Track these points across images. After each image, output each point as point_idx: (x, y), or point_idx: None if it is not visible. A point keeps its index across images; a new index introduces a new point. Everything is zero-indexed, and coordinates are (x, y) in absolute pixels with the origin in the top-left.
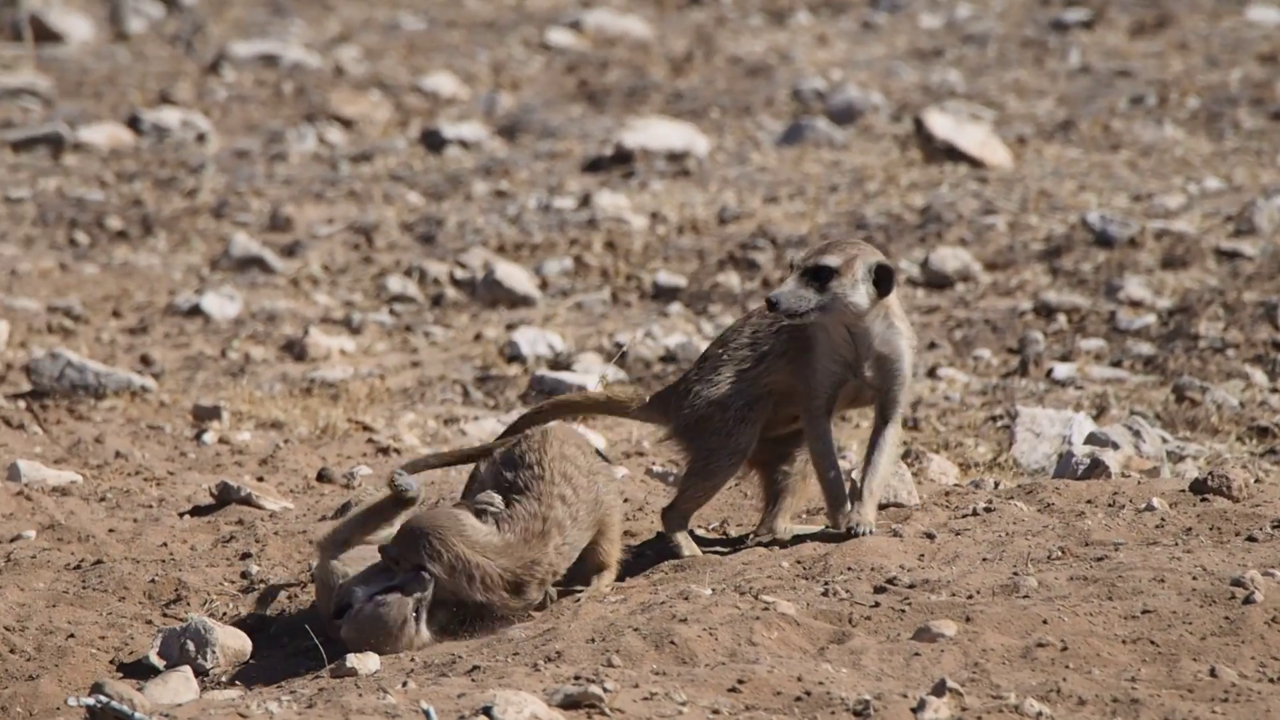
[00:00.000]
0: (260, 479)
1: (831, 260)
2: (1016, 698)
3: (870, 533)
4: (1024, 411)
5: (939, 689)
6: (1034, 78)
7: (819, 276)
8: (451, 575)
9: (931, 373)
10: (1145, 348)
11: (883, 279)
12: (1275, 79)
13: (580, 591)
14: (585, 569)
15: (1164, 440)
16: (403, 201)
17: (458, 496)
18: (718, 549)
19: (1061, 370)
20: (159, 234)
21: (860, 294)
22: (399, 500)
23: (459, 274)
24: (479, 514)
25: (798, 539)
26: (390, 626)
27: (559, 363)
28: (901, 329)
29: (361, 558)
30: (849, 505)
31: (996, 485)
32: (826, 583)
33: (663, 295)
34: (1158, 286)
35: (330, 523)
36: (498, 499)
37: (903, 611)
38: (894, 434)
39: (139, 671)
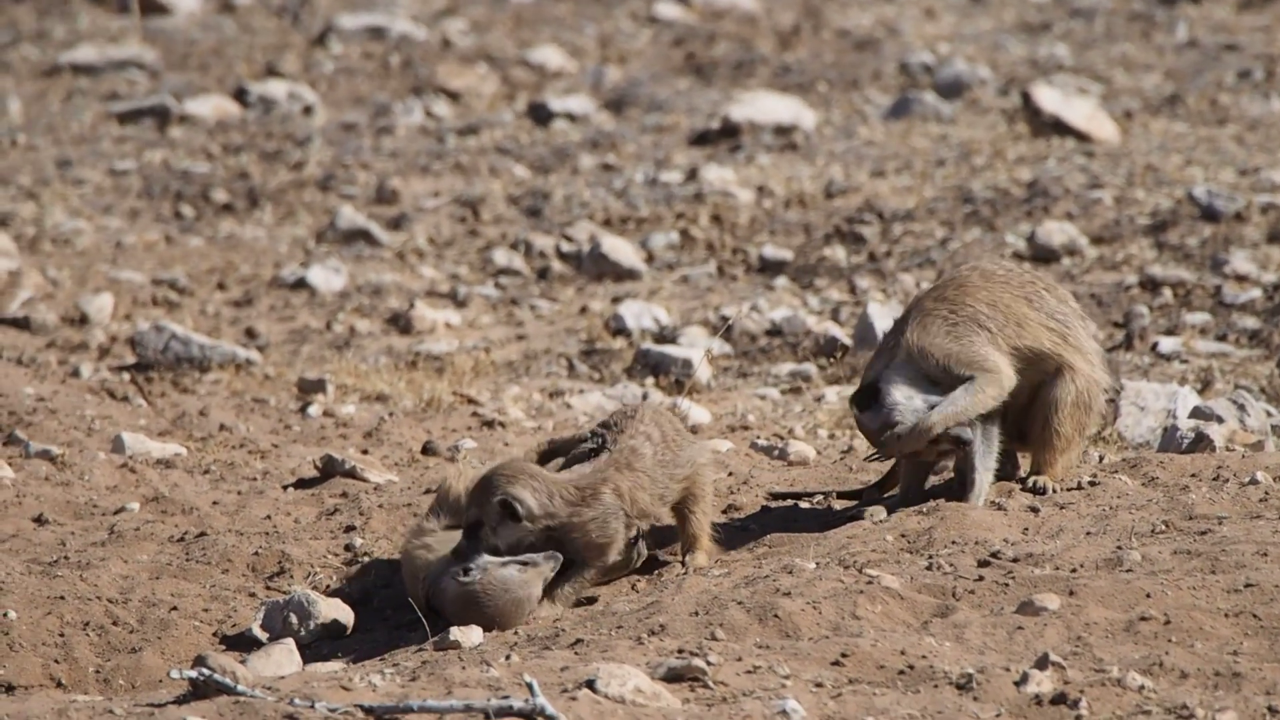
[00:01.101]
0: (365, 452)
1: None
2: (1119, 671)
3: None
4: (1129, 385)
5: (1042, 662)
6: (1141, 52)
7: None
8: (535, 496)
9: None
10: (1250, 322)
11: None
12: None
13: (684, 565)
14: (682, 542)
15: (1269, 414)
16: (509, 174)
17: None
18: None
19: (1166, 344)
20: (264, 206)
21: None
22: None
23: (565, 247)
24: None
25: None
26: (517, 593)
27: (664, 336)
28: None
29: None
30: None
31: (1101, 459)
32: (930, 556)
33: (769, 269)
34: (1263, 261)
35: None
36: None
37: (1006, 585)
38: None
39: (242, 644)
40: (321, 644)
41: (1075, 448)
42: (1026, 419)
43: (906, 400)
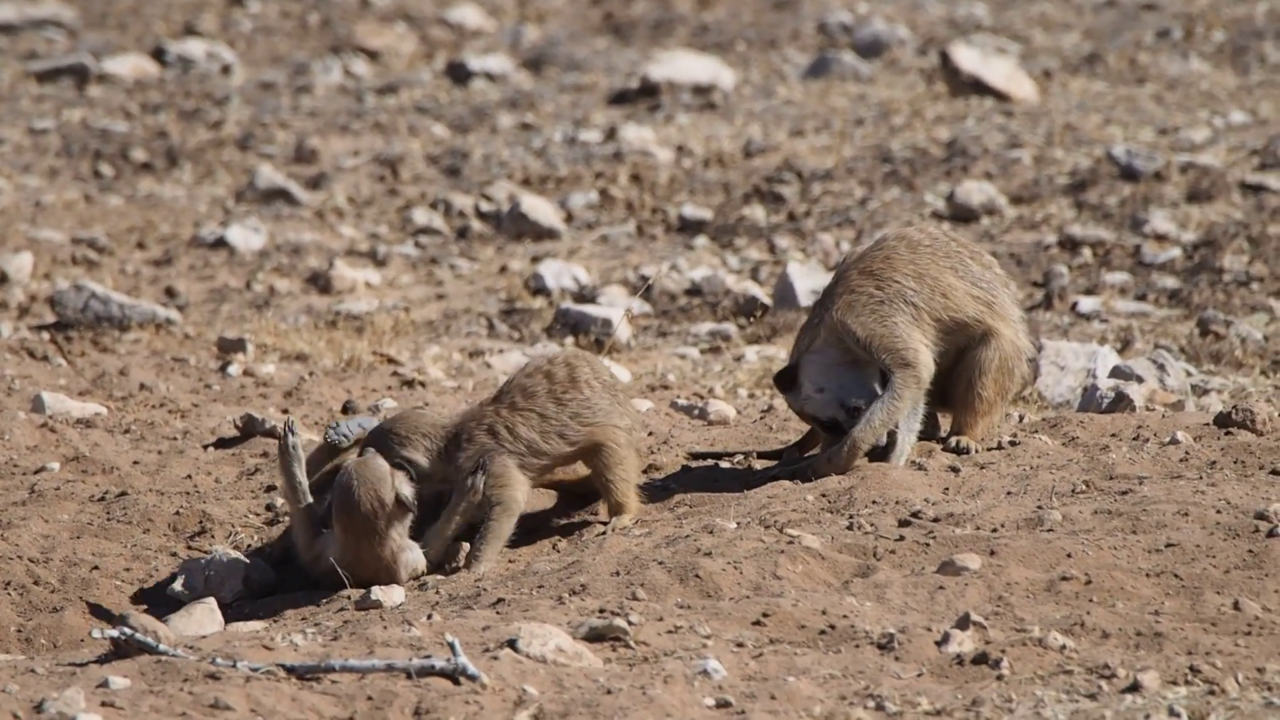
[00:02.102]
0: (285, 411)
1: None
2: (1040, 631)
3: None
4: (1048, 345)
5: (963, 622)
6: (1059, 11)
7: None
8: (427, 455)
9: None
10: (1170, 281)
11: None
12: None
13: (604, 525)
14: (605, 504)
15: (1188, 374)
16: (428, 134)
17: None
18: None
19: (1086, 304)
20: (184, 166)
21: None
22: (333, 449)
23: (484, 207)
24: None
25: None
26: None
27: (584, 296)
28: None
29: None
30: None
31: (1021, 419)
32: (851, 516)
33: (688, 228)
34: (1183, 220)
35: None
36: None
37: (927, 545)
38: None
39: (163, 604)
40: (243, 603)
41: (997, 411)
42: (949, 381)
43: (819, 394)
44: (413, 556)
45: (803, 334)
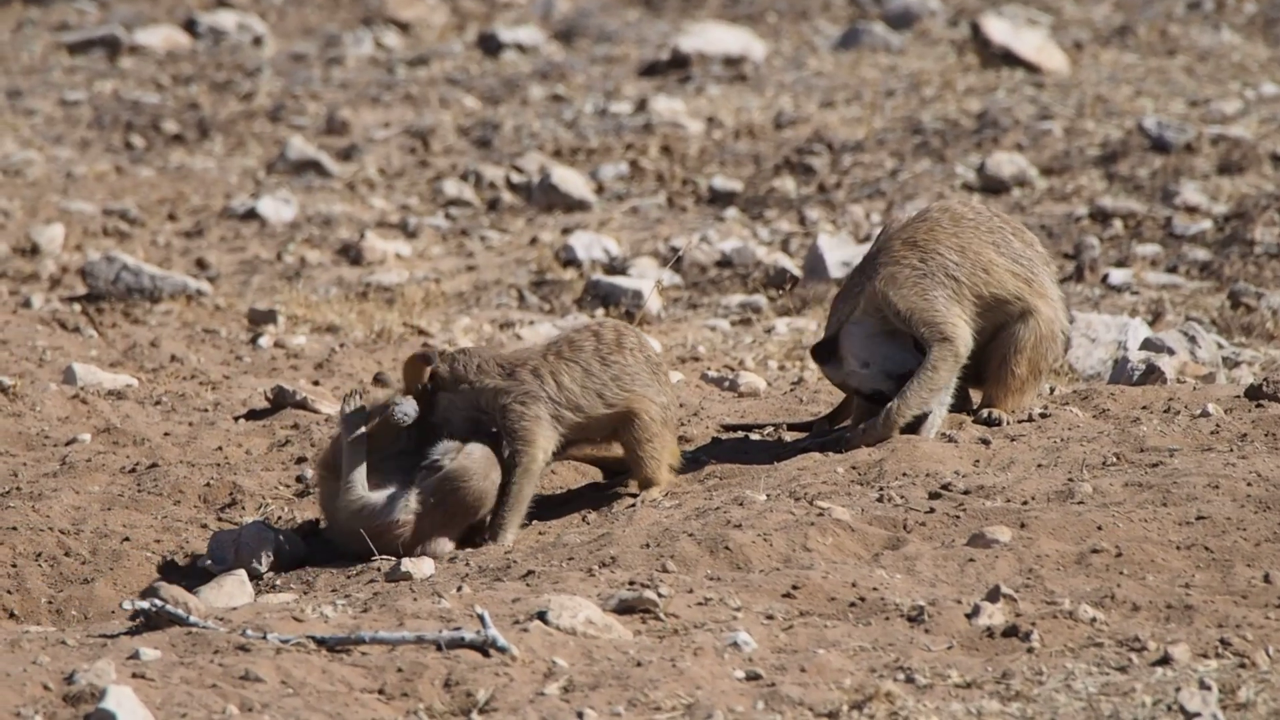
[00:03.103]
0: (316, 383)
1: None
2: (1071, 603)
3: None
4: (1080, 317)
5: (993, 595)
6: None
7: None
8: (455, 365)
9: None
10: (1201, 253)
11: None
12: None
13: (633, 498)
14: (635, 478)
15: (1219, 346)
16: (459, 105)
17: None
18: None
19: (1117, 276)
20: (215, 137)
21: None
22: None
23: (515, 178)
24: None
25: None
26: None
27: (614, 267)
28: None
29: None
30: None
31: (1052, 391)
32: (881, 489)
33: (718, 200)
34: (1214, 192)
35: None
36: None
37: (957, 518)
38: None
39: (193, 575)
40: (273, 575)
41: (1030, 389)
42: (984, 357)
43: (865, 369)
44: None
45: (840, 304)
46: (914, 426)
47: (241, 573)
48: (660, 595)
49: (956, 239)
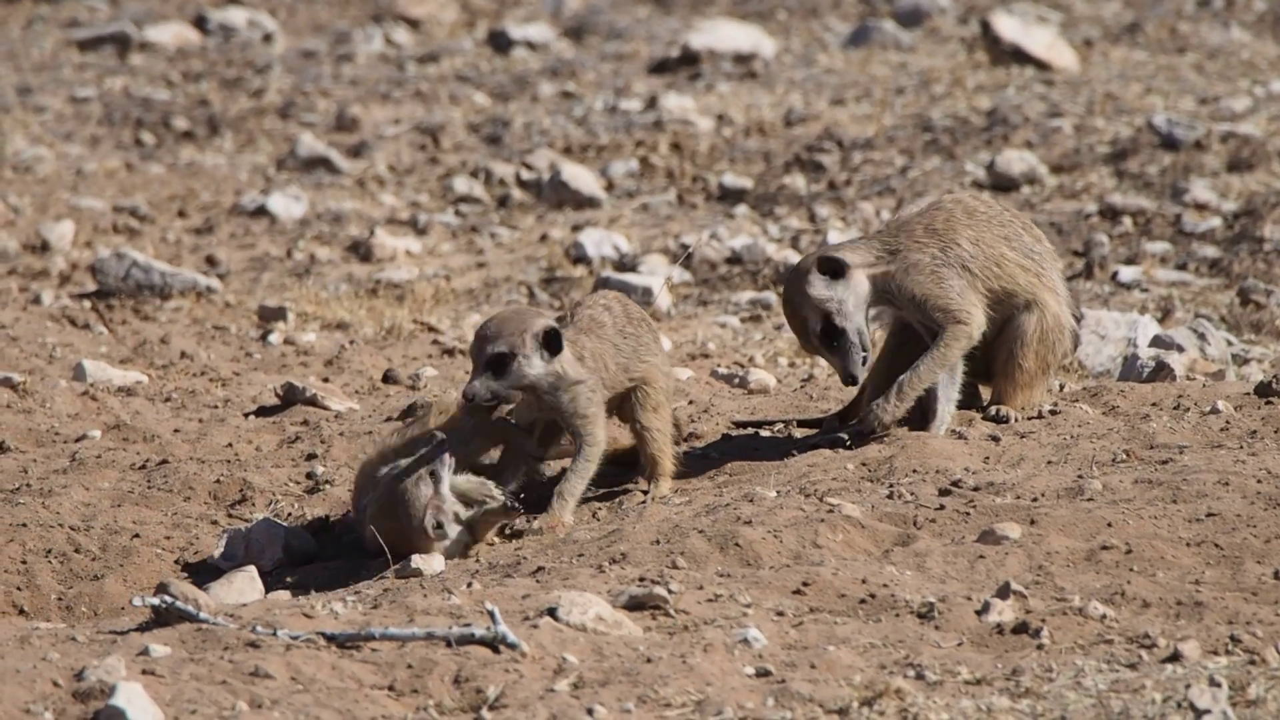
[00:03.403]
0: (325, 380)
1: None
2: (1081, 600)
3: None
4: (1089, 314)
5: (1003, 591)
6: None
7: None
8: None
9: None
10: (1210, 251)
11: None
12: None
13: (645, 493)
14: (643, 466)
15: (1229, 343)
16: (469, 102)
17: None
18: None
19: (1127, 273)
20: (225, 134)
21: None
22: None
23: (525, 175)
24: None
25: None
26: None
27: (624, 264)
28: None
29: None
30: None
31: (1062, 388)
32: (891, 485)
33: (728, 197)
34: (1223, 189)
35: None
36: None
37: (967, 514)
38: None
39: (204, 571)
40: (283, 571)
41: (1039, 385)
42: (991, 352)
43: (854, 308)
44: None
45: (851, 252)
46: (923, 423)
47: (252, 569)
48: (670, 591)
49: (972, 231)
